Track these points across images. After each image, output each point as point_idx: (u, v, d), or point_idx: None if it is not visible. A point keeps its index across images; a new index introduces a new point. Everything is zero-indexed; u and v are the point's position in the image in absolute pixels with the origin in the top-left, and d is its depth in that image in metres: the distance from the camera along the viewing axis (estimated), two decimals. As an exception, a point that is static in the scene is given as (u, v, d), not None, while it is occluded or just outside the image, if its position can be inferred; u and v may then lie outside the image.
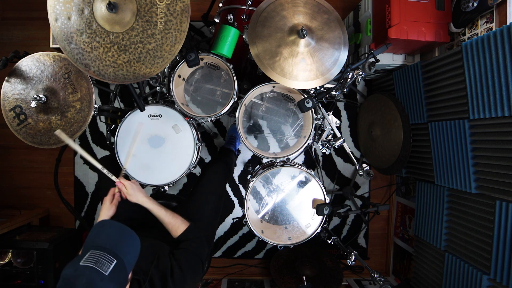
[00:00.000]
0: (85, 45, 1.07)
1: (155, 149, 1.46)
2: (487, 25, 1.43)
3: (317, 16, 1.28)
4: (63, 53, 1.12)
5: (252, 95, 1.48)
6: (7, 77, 1.31)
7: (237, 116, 1.39)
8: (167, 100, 1.65)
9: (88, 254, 0.78)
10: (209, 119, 1.42)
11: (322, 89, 1.49)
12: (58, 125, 1.31)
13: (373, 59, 1.33)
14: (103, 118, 1.94)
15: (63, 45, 1.08)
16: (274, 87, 1.49)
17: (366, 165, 1.48)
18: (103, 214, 1.22)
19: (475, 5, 1.46)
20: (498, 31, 1.24)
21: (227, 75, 1.56)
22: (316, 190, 1.47)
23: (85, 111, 1.30)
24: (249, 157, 2.33)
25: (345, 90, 1.50)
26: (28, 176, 2.37)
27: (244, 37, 1.34)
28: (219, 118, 2.02)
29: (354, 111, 2.36)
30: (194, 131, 1.47)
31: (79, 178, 2.35)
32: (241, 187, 2.35)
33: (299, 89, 1.41)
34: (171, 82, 1.41)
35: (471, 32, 1.53)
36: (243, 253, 2.38)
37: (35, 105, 1.27)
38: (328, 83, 1.32)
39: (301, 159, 2.34)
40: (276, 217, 1.53)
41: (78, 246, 2.28)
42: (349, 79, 1.41)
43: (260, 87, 1.41)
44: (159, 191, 1.65)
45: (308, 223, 1.47)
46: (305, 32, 1.19)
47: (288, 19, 1.25)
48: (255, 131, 1.77)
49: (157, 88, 1.61)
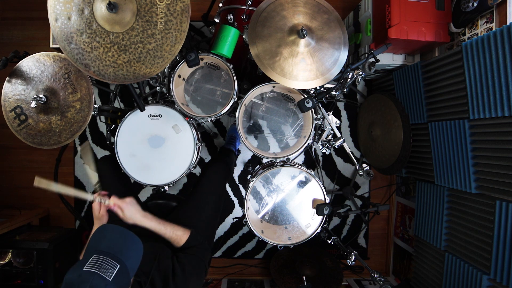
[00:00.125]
0: (85, 45, 1.07)
1: (155, 149, 1.46)
2: (487, 25, 1.43)
3: (317, 16, 1.28)
4: (63, 53, 1.12)
5: (252, 95, 1.48)
6: (8, 78, 1.31)
7: (237, 116, 1.39)
8: (167, 100, 1.65)
9: (91, 259, 0.78)
10: (209, 119, 1.42)
11: (322, 89, 1.49)
12: (58, 125, 1.31)
13: (373, 59, 1.33)
14: (103, 118, 1.94)
15: (63, 45, 1.08)
16: (274, 87, 1.48)
17: (366, 165, 1.48)
18: (95, 224, 1.23)
19: (475, 5, 1.46)
20: (498, 31, 1.24)
21: (227, 75, 1.56)
22: (316, 190, 1.47)
23: (85, 111, 1.30)
24: (249, 157, 2.33)
25: (345, 90, 1.50)
26: (28, 176, 2.36)
27: (244, 37, 1.34)
28: (219, 118, 2.02)
29: (354, 111, 2.36)
30: (194, 131, 1.47)
31: (79, 178, 2.35)
32: (241, 187, 2.35)
33: (299, 89, 1.41)
34: (171, 82, 1.41)
35: (471, 32, 1.53)
36: (243, 253, 2.38)
37: (35, 105, 1.27)
38: (328, 83, 1.32)
39: (301, 159, 2.34)
40: (276, 217, 1.53)
41: (78, 246, 2.27)
42: (349, 79, 1.41)
43: (260, 87, 1.41)
44: (159, 191, 1.65)
45: (308, 223, 1.47)
46: (305, 32, 1.19)
47: (288, 19, 1.25)
48: (255, 131, 1.77)
49: (157, 88, 1.61)
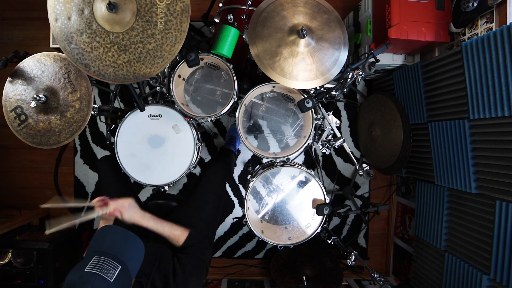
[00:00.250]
0: (85, 45, 1.07)
1: (155, 149, 1.46)
2: (487, 25, 1.43)
3: (317, 16, 1.28)
4: (63, 53, 1.12)
5: (252, 95, 1.48)
6: (10, 78, 1.32)
7: (237, 116, 1.39)
8: (167, 100, 1.65)
9: (92, 260, 0.78)
10: (209, 119, 1.42)
11: (322, 89, 1.49)
12: (57, 125, 1.31)
13: (373, 59, 1.33)
14: (103, 118, 1.94)
15: (63, 45, 1.08)
16: (274, 87, 1.48)
17: (366, 165, 1.48)
18: (102, 224, 1.22)
19: (475, 5, 1.46)
20: (498, 31, 1.24)
21: (227, 75, 1.56)
22: (316, 190, 1.47)
23: (84, 111, 1.30)
24: (249, 157, 2.33)
25: (345, 90, 1.50)
26: (28, 176, 2.37)
27: (244, 37, 1.34)
28: (219, 118, 2.02)
29: (354, 111, 2.36)
30: (194, 131, 1.47)
31: (79, 178, 2.35)
32: (241, 187, 2.35)
33: (299, 89, 1.41)
34: (171, 82, 1.41)
35: (471, 32, 1.53)
36: (243, 253, 2.37)
37: (35, 105, 1.27)
38: (328, 83, 1.32)
39: (301, 159, 2.34)
40: (276, 217, 1.53)
41: (78, 246, 2.28)
42: (349, 79, 1.41)
43: (260, 87, 1.41)
44: (159, 191, 1.65)
45: (308, 223, 1.47)
46: (305, 32, 1.19)
47: (288, 19, 1.25)
48: (255, 131, 1.77)
49: (157, 88, 1.61)
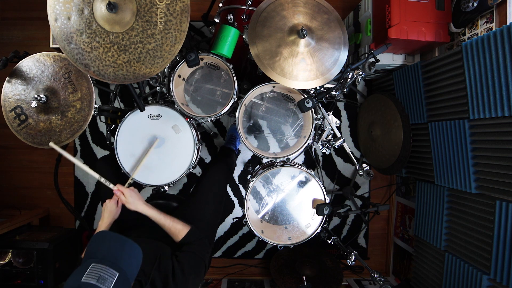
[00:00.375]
0: (85, 45, 1.07)
1: (155, 149, 1.46)
2: (487, 25, 1.43)
3: (317, 16, 1.28)
4: (63, 53, 1.12)
5: (252, 95, 1.48)
6: (8, 78, 1.31)
7: (237, 116, 1.39)
8: (167, 100, 1.65)
9: (89, 268, 0.78)
10: (209, 119, 1.42)
11: (322, 89, 1.49)
12: (58, 125, 1.31)
13: (373, 59, 1.32)
14: (103, 118, 1.94)
15: (63, 45, 1.08)
16: (274, 87, 1.48)
17: (366, 165, 1.48)
18: (106, 217, 1.23)
19: (475, 5, 1.46)
20: (498, 31, 1.24)
21: (227, 75, 1.56)
22: (316, 190, 1.47)
23: (85, 111, 1.30)
24: (249, 157, 2.33)
25: (345, 90, 1.50)
26: (28, 176, 2.37)
27: (244, 37, 1.34)
28: (219, 118, 2.02)
29: (354, 111, 2.36)
30: (194, 131, 1.47)
31: (79, 178, 2.35)
32: (241, 187, 2.35)
33: (299, 89, 1.41)
34: (171, 82, 1.41)
35: (471, 32, 1.53)
36: (243, 253, 2.38)
37: (36, 105, 1.27)
38: (328, 83, 1.32)
39: (301, 159, 2.34)
40: (276, 217, 1.53)
41: (78, 246, 2.28)
42: (349, 79, 1.41)
43: (260, 87, 1.41)
44: (159, 191, 1.65)
45: (308, 223, 1.47)
46: (305, 32, 1.19)
47: (288, 19, 1.25)
48: (255, 131, 1.77)
49: (157, 88, 1.61)
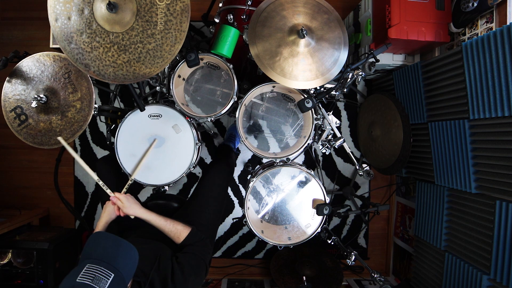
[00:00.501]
0: (85, 45, 1.07)
1: (155, 149, 1.46)
2: (487, 25, 1.43)
3: (317, 16, 1.28)
4: (63, 53, 1.12)
5: (252, 95, 1.48)
6: (8, 78, 1.31)
7: (237, 116, 1.39)
8: (167, 100, 1.65)
9: (84, 269, 0.78)
10: (209, 119, 1.42)
11: (322, 89, 1.49)
12: (58, 125, 1.31)
13: (373, 59, 1.32)
14: (103, 118, 1.94)
15: (63, 45, 1.08)
16: (274, 87, 1.48)
17: (366, 165, 1.48)
18: (104, 216, 1.22)
19: (475, 5, 1.46)
20: (498, 31, 1.24)
21: (227, 75, 1.56)
22: (316, 190, 1.47)
23: (85, 111, 1.30)
24: (249, 157, 2.33)
25: (345, 90, 1.50)
26: (28, 176, 2.37)
27: (244, 37, 1.34)
28: (219, 118, 2.02)
29: (354, 111, 2.36)
30: (194, 131, 1.47)
31: (79, 178, 2.35)
32: (241, 187, 2.35)
33: (299, 89, 1.41)
34: (171, 82, 1.41)
35: (471, 32, 1.53)
36: (243, 253, 2.38)
37: (36, 105, 1.27)
38: (328, 83, 1.32)
39: (301, 159, 2.34)
40: (276, 217, 1.53)
41: (78, 246, 2.28)
42: (349, 79, 1.41)
43: (260, 87, 1.41)
44: (159, 191, 1.65)
45: (308, 223, 1.47)
46: (305, 32, 1.19)
47: (288, 19, 1.25)
48: (255, 131, 1.77)
49: (157, 88, 1.61)
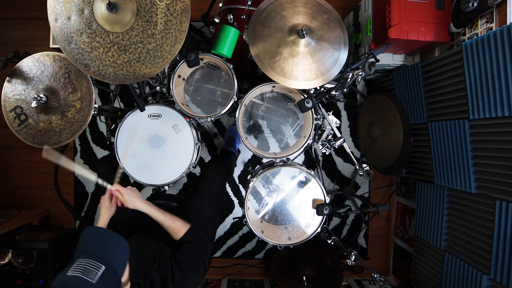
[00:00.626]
0: (85, 45, 1.07)
1: (155, 149, 1.46)
2: (487, 25, 1.43)
3: (317, 16, 1.28)
4: (63, 53, 1.12)
5: (252, 95, 1.48)
6: (8, 78, 1.31)
7: (237, 116, 1.39)
8: (167, 100, 1.65)
9: (75, 262, 0.79)
10: (209, 119, 1.42)
11: (322, 89, 1.49)
12: (58, 125, 1.31)
13: (373, 59, 1.33)
14: (103, 118, 1.94)
15: (63, 45, 1.08)
16: (274, 87, 1.49)
17: (366, 165, 1.48)
18: (103, 214, 1.21)
19: (475, 5, 1.46)
20: (498, 31, 1.24)
21: (227, 75, 1.56)
22: (316, 190, 1.47)
23: (85, 111, 1.30)
24: (249, 157, 2.33)
25: (345, 90, 1.50)
26: (28, 176, 2.37)
27: (244, 37, 1.34)
28: (219, 118, 2.02)
29: (354, 111, 2.36)
30: (194, 131, 1.47)
31: (79, 178, 2.35)
32: (241, 187, 2.35)
33: (299, 89, 1.41)
34: (171, 82, 1.41)
35: (471, 32, 1.53)
36: (243, 253, 2.37)
37: (36, 105, 1.27)
38: (328, 83, 1.32)
39: (301, 159, 2.34)
40: (276, 217, 1.53)
41: (78, 246, 2.27)
42: (349, 79, 1.41)
43: (260, 87, 1.41)
44: (159, 191, 1.65)
45: (308, 223, 1.47)
46: (305, 32, 1.19)
47: (288, 19, 1.25)
48: (255, 131, 1.77)
49: (157, 88, 1.61)
